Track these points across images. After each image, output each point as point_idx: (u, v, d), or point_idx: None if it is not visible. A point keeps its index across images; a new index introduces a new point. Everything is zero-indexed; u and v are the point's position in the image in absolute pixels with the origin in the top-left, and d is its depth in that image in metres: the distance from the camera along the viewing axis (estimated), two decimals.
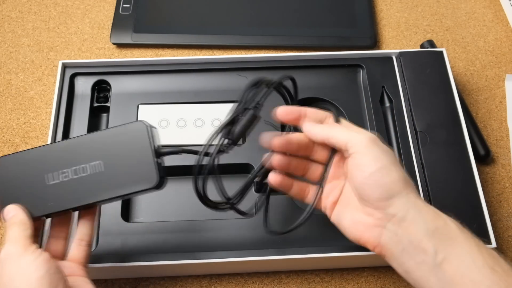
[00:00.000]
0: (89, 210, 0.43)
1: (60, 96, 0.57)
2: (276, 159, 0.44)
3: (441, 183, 0.52)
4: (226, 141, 0.42)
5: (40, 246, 0.40)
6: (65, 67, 0.59)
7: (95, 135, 0.41)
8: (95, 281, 0.52)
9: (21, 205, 0.40)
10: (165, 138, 0.56)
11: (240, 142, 0.47)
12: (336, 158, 0.45)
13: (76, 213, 0.43)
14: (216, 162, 0.41)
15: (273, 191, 0.47)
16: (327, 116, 0.45)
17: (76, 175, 0.40)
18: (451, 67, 0.66)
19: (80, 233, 0.43)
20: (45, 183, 0.40)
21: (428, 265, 0.38)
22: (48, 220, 0.45)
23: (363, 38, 0.67)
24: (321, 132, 0.43)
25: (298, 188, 0.46)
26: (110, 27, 0.69)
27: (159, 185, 0.40)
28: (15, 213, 0.40)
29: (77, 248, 0.42)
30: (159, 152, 0.41)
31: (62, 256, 0.42)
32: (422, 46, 0.67)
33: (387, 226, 0.40)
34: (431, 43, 0.66)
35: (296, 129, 0.46)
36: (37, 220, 0.41)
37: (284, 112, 0.44)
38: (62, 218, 0.43)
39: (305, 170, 0.46)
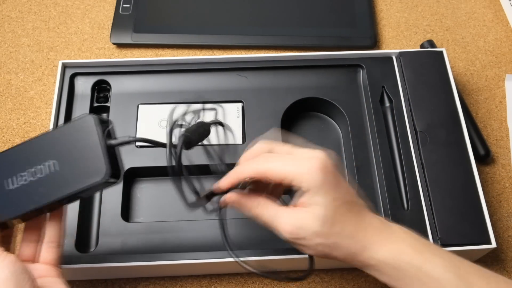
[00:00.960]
0: (56, 212, 0.42)
1: (60, 96, 0.57)
2: (228, 197, 0.42)
3: (441, 183, 0.52)
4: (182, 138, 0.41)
5: (8, 250, 0.40)
6: (65, 67, 0.59)
7: (47, 134, 0.41)
8: (95, 281, 0.52)
9: None
10: (165, 138, 0.56)
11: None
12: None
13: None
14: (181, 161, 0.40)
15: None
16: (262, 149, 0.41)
17: (33, 177, 0.40)
18: (451, 67, 0.66)
19: (48, 235, 0.42)
20: (5, 188, 0.40)
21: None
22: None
23: (363, 38, 0.67)
24: (252, 169, 0.39)
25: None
26: (110, 27, 0.69)
27: (112, 177, 0.39)
28: None
29: (47, 250, 0.42)
30: (111, 143, 0.39)
31: (33, 261, 0.42)
32: (422, 46, 0.67)
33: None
34: (431, 43, 0.66)
35: None
36: (3, 226, 0.40)
37: (225, 186, 0.41)
38: (33, 222, 0.42)
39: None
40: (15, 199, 0.40)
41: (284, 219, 0.39)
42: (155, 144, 0.41)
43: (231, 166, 0.42)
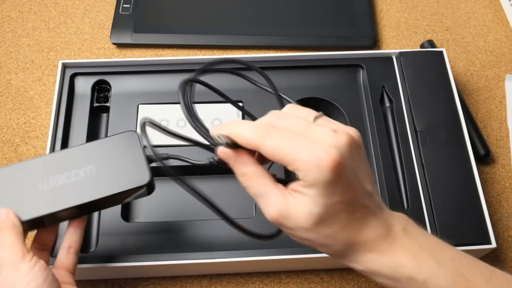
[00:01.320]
0: (79, 218, 0.43)
1: (60, 96, 0.57)
2: (221, 151, 0.35)
3: (441, 183, 0.52)
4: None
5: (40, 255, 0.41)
6: (65, 67, 0.59)
7: (88, 144, 0.43)
8: (95, 281, 0.52)
9: (11, 209, 0.39)
10: (165, 138, 0.56)
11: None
12: None
13: (63, 224, 0.44)
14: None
15: None
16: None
17: (68, 180, 0.41)
18: (451, 67, 0.66)
19: (69, 240, 0.42)
20: (38, 188, 0.41)
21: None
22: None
23: (363, 38, 0.67)
24: (249, 137, 0.33)
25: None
26: (110, 27, 0.69)
27: (150, 186, 0.42)
28: (6, 216, 0.39)
29: (65, 255, 0.42)
30: (150, 158, 0.43)
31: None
32: (422, 46, 0.67)
33: None
34: (431, 43, 0.66)
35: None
36: (27, 227, 0.41)
37: (213, 132, 0.36)
38: (47, 229, 0.42)
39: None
40: (46, 198, 0.40)
41: (271, 202, 0.34)
42: (188, 162, 0.44)
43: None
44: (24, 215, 0.40)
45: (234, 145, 0.35)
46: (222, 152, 0.35)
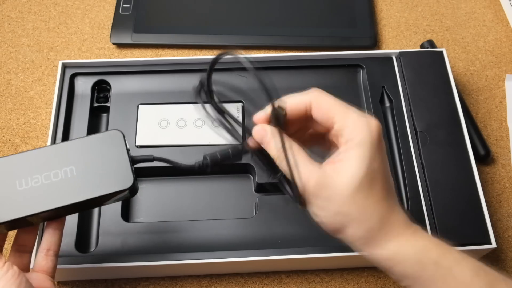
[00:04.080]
0: (57, 219, 0.41)
1: (60, 96, 0.57)
2: (256, 130, 0.37)
3: (441, 183, 0.52)
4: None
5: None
6: (65, 67, 0.59)
7: (69, 143, 0.41)
8: (95, 281, 0.52)
9: None
10: (165, 138, 0.56)
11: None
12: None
13: (42, 225, 0.42)
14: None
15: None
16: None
17: (46, 181, 0.39)
18: (451, 67, 0.66)
19: (47, 242, 0.40)
20: (16, 188, 0.39)
21: None
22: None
23: (363, 38, 0.67)
24: (302, 97, 0.36)
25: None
26: (110, 27, 0.69)
27: (133, 189, 0.40)
28: None
29: (44, 258, 0.40)
30: (133, 159, 0.41)
31: (27, 271, 0.40)
32: (422, 46, 0.67)
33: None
34: (431, 43, 0.66)
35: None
36: (4, 229, 0.39)
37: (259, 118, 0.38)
38: (27, 230, 0.40)
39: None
40: (24, 200, 0.38)
41: (308, 171, 0.33)
42: (173, 164, 0.42)
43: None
44: (2, 216, 0.37)
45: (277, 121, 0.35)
46: (257, 131, 0.37)
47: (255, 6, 0.70)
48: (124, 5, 0.69)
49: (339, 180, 0.33)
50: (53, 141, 0.54)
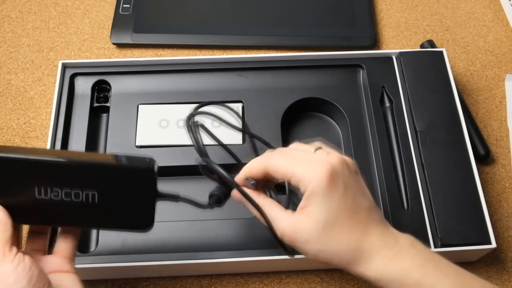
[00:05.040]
0: None
1: (60, 96, 0.57)
2: (234, 194, 0.43)
3: (441, 183, 0.52)
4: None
5: (19, 246, 0.38)
6: (65, 67, 0.59)
7: (99, 164, 0.38)
8: (95, 281, 0.52)
9: (1, 205, 0.37)
10: (165, 138, 0.56)
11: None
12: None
13: None
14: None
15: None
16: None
17: (66, 198, 0.37)
18: (451, 67, 0.66)
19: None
20: (34, 195, 0.37)
21: None
22: None
23: (363, 38, 0.67)
24: (257, 165, 0.41)
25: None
26: (110, 27, 0.69)
27: (149, 230, 0.40)
28: None
29: (64, 240, 0.39)
30: (159, 194, 0.40)
31: (44, 252, 0.39)
32: (422, 46, 0.67)
33: None
34: (431, 43, 0.66)
35: None
36: (17, 226, 0.38)
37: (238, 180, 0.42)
38: (39, 229, 0.40)
39: None
40: (40, 209, 0.38)
41: (284, 221, 0.39)
42: (196, 204, 0.43)
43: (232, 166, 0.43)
44: (14, 217, 0.37)
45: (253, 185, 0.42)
46: (235, 195, 0.42)
47: (255, 6, 0.70)
48: (124, 5, 0.69)
49: (308, 225, 0.38)
50: (53, 141, 0.54)
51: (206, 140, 0.45)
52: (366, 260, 0.37)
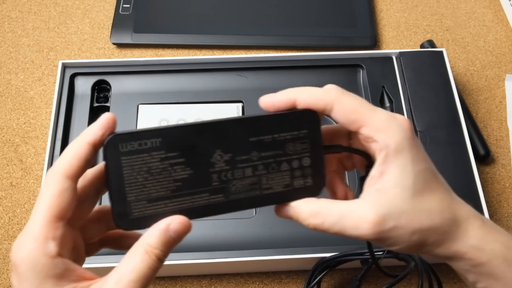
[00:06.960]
0: None
1: (60, 96, 0.57)
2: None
3: None
4: None
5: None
6: (65, 67, 0.59)
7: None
8: None
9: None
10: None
11: None
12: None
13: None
14: None
15: None
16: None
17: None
18: (451, 67, 0.66)
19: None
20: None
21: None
22: None
23: (363, 38, 0.67)
24: (322, 97, 0.30)
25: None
26: (110, 27, 0.69)
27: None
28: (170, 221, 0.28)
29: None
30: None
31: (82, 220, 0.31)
32: (422, 46, 0.67)
33: None
34: (431, 43, 0.66)
35: None
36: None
37: (268, 103, 0.33)
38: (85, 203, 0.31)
39: None
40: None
41: (360, 212, 0.28)
42: None
43: None
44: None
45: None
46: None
47: (255, 6, 0.70)
48: (124, 5, 0.69)
49: (393, 196, 0.28)
50: (53, 141, 0.54)
51: None
52: (463, 234, 0.29)
